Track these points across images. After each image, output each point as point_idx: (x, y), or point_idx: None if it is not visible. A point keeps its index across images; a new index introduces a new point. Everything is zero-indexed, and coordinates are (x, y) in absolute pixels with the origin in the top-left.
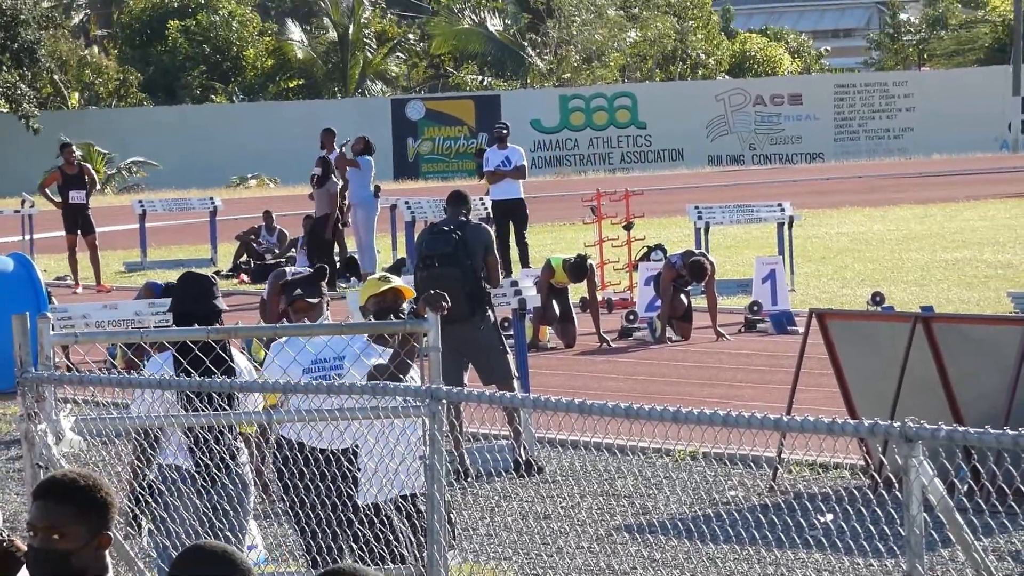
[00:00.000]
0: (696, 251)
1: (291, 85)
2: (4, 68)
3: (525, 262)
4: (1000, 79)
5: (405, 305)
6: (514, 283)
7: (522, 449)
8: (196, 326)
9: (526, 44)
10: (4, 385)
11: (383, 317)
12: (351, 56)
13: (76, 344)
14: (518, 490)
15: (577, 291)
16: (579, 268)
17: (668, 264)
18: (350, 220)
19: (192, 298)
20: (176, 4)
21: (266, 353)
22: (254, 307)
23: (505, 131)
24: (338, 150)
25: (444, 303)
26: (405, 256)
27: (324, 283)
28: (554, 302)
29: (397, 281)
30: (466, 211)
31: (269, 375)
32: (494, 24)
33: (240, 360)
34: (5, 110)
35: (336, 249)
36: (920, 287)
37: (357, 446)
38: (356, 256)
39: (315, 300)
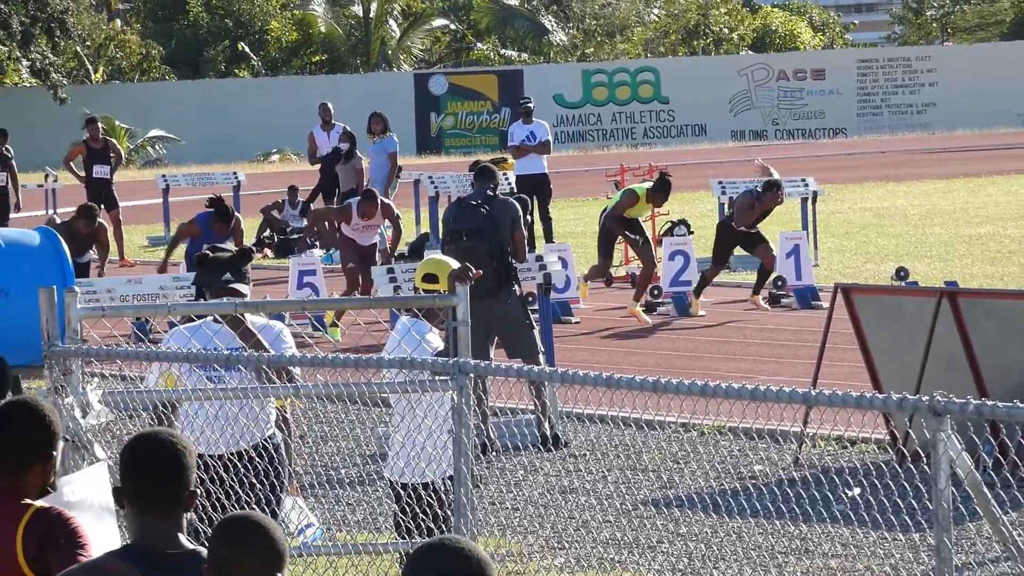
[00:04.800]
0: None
1: (314, 60)
2: (34, 39)
3: (549, 237)
4: (1023, 54)
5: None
6: (539, 258)
7: (547, 423)
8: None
9: (547, 17)
10: (31, 359)
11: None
12: (375, 30)
13: (103, 318)
14: (543, 464)
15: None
16: (666, 184)
17: (748, 195)
18: None
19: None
20: None
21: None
22: (279, 281)
23: (531, 105)
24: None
25: (472, 275)
26: (428, 231)
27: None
28: (625, 234)
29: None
30: (493, 185)
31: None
32: None
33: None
34: (31, 83)
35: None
36: (944, 262)
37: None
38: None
39: (245, 289)
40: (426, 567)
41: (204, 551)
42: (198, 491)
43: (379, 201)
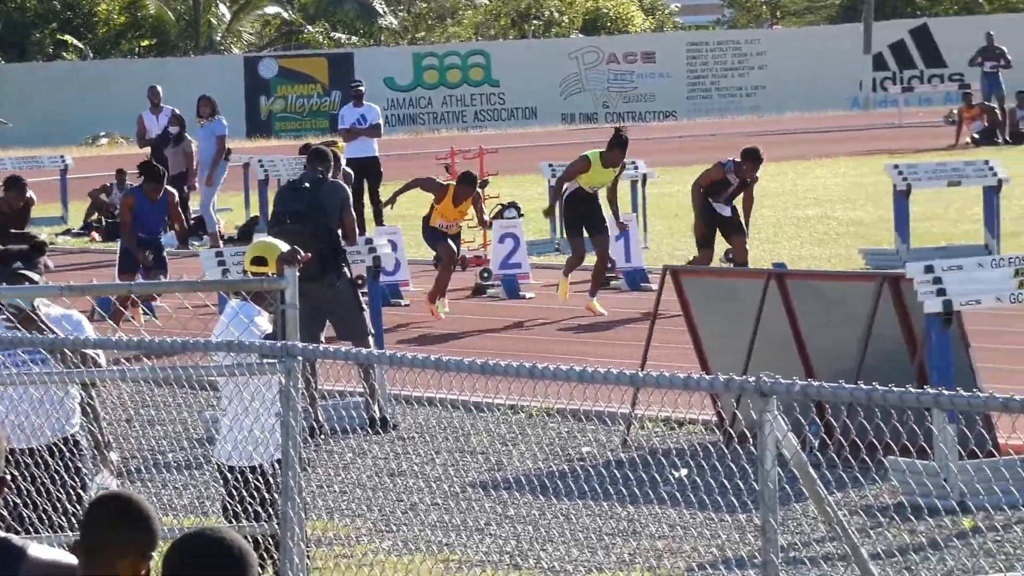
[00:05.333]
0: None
1: (143, 43)
2: None
3: (380, 220)
4: (851, 37)
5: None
6: (369, 241)
7: (376, 406)
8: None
9: (378, 2)
10: None
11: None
12: (204, 14)
13: None
14: (372, 447)
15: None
16: (620, 140)
17: (716, 167)
18: (196, 182)
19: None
20: None
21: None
22: (106, 264)
23: (361, 89)
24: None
25: (300, 258)
26: (258, 215)
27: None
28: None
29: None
30: (324, 168)
31: None
32: None
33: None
34: None
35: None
36: (772, 244)
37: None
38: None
39: (36, 277)
40: (186, 558)
41: (13, 537)
42: (6, 477)
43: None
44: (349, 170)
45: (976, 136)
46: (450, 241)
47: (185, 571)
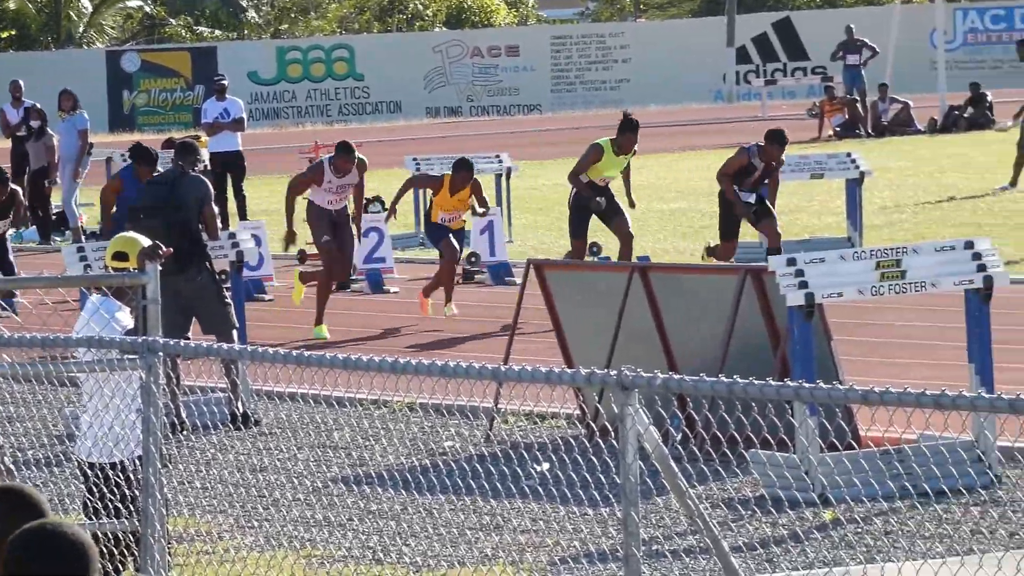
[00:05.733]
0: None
1: (3, 36)
2: None
3: (243, 214)
4: (715, 30)
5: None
6: (232, 235)
7: (239, 402)
8: None
9: None
10: None
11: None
12: (66, 8)
13: None
14: (234, 443)
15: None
16: (630, 123)
17: (740, 152)
18: (59, 177)
19: None
20: None
21: None
22: None
23: (225, 83)
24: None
25: (161, 253)
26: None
27: None
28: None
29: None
30: (185, 162)
31: None
32: None
33: None
34: None
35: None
36: (637, 237)
37: None
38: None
39: None
40: (27, 552)
41: None
42: None
43: (356, 154)
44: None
45: (838, 129)
46: (452, 238)
47: (25, 566)
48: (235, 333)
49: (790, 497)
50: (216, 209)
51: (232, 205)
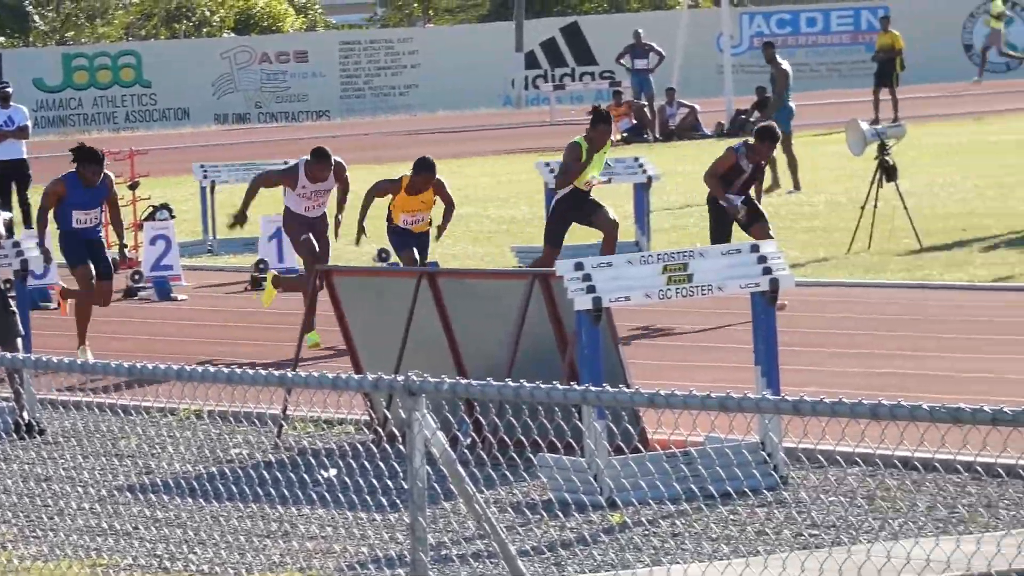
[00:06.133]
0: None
1: None
2: None
3: (28, 222)
4: (503, 36)
5: None
6: (16, 244)
7: (23, 411)
8: None
9: (28, 3)
10: None
11: None
12: None
13: None
14: (18, 452)
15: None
16: (600, 115)
17: (728, 152)
18: None
19: None
20: None
21: None
22: None
23: (9, 90)
24: None
25: None
26: None
27: None
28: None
29: None
30: None
31: None
32: None
33: None
34: None
35: None
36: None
37: None
38: None
39: None
40: None
41: None
42: None
43: (332, 160)
44: None
45: (625, 134)
46: (415, 250)
47: None
48: (20, 342)
49: (578, 500)
50: (8, 215)
51: (18, 213)
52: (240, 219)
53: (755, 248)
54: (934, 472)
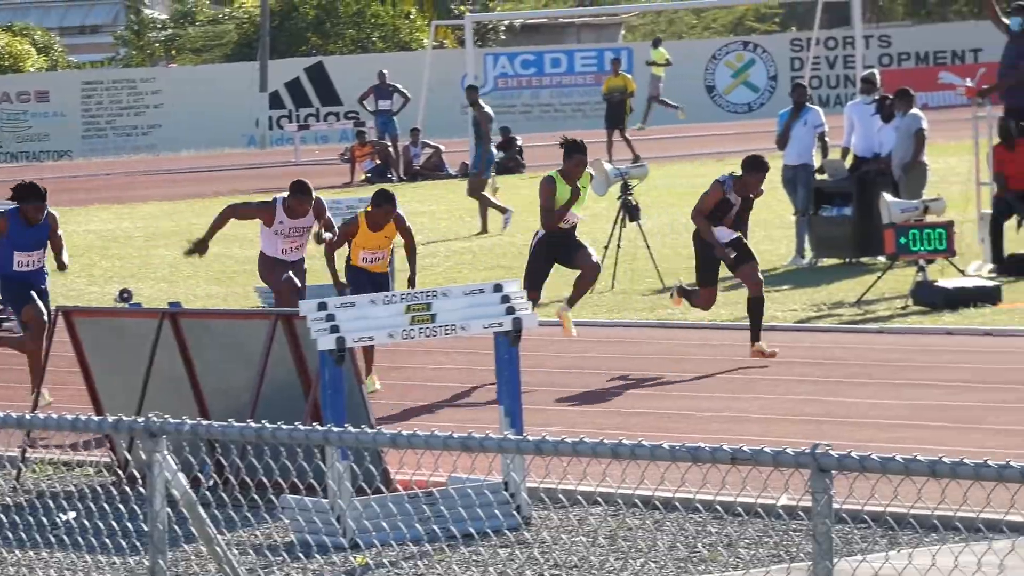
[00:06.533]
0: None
1: None
2: None
3: None
4: (248, 75)
5: None
6: None
7: None
8: None
9: None
10: None
11: None
12: None
13: None
14: None
15: None
16: (571, 145)
17: (714, 186)
18: None
19: None
20: None
21: None
22: None
23: None
24: None
25: None
26: None
27: None
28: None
29: None
30: None
31: None
32: None
33: None
34: None
35: None
36: (169, 283)
37: None
38: None
39: None
40: None
41: None
42: None
43: (313, 195)
44: None
45: (369, 175)
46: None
47: None
48: None
49: (320, 542)
50: None
51: None
52: (200, 248)
53: (498, 288)
54: (675, 511)
